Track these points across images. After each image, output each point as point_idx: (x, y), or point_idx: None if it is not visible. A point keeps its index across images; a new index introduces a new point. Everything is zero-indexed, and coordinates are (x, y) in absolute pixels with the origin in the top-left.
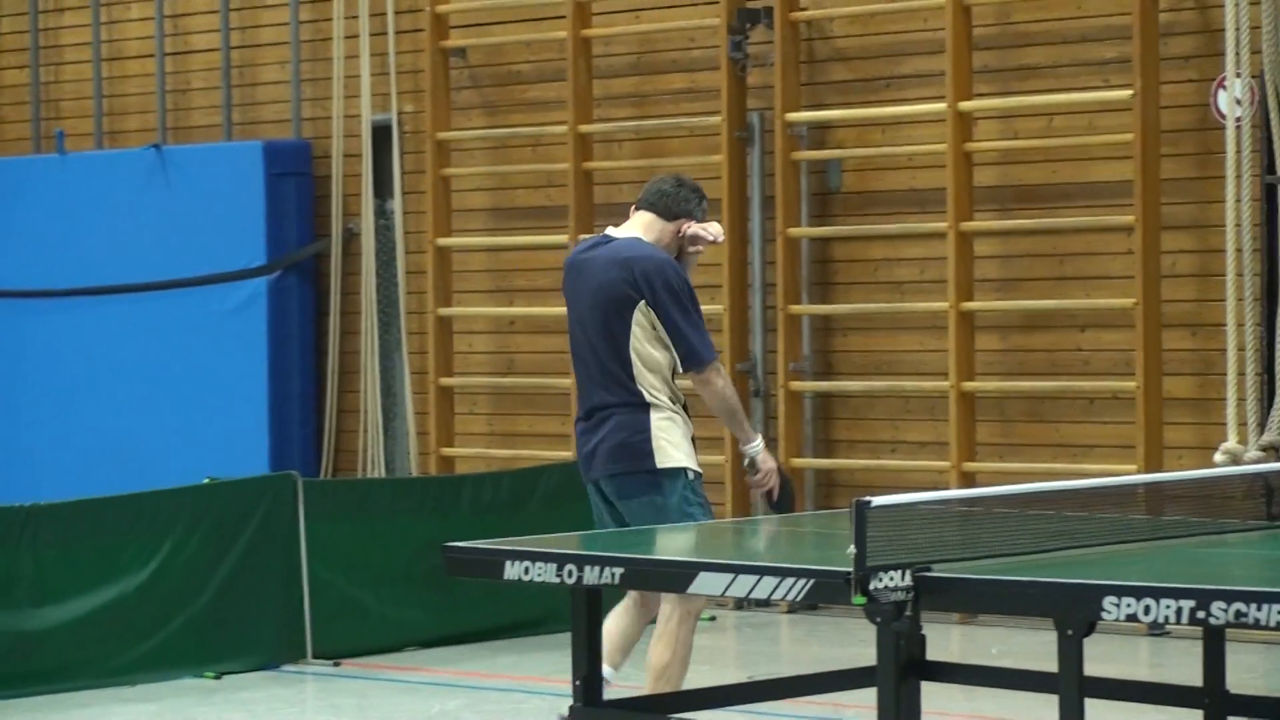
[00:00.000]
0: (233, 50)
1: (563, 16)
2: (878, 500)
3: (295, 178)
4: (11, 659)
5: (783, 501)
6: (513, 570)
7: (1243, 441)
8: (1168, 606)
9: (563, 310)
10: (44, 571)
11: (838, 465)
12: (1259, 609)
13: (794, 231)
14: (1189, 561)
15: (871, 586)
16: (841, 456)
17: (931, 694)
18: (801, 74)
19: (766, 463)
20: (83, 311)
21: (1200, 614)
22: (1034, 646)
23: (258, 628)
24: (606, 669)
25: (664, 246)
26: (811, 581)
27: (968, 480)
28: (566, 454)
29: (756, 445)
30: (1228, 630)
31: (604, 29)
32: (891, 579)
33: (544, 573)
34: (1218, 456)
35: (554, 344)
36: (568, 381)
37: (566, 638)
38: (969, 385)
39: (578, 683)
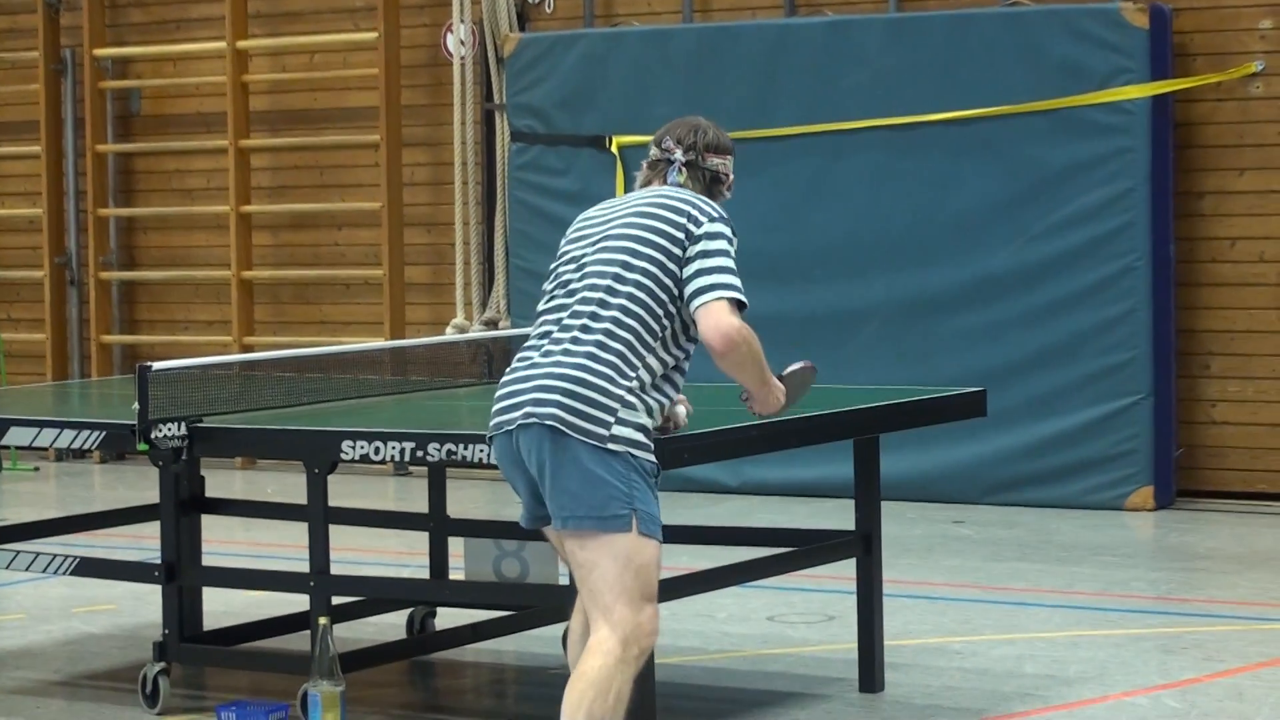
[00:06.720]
0: None
1: None
2: (157, 365)
3: None
4: None
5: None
6: None
7: (469, 319)
8: (394, 447)
9: None
10: None
11: (140, 340)
12: (466, 448)
13: (101, 148)
14: (419, 412)
15: (153, 435)
16: (144, 334)
17: (216, 526)
18: (106, 16)
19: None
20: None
21: (419, 453)
22: (303, 484)
23: None
24: None
25: None
26: (104, 433)
27: (247, 352)
28: None
29: None
30: (455, 468)
31: None
32: (169, 429)
33: None
34: (448, 330)
35: None
36: None
37: None
38: (248, 274)
39: None
